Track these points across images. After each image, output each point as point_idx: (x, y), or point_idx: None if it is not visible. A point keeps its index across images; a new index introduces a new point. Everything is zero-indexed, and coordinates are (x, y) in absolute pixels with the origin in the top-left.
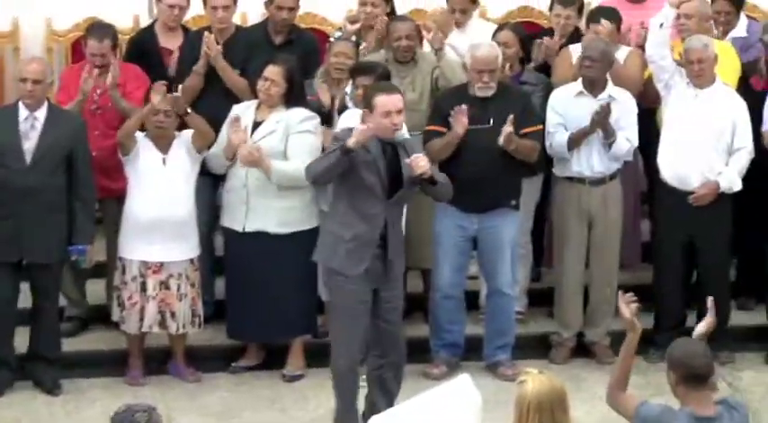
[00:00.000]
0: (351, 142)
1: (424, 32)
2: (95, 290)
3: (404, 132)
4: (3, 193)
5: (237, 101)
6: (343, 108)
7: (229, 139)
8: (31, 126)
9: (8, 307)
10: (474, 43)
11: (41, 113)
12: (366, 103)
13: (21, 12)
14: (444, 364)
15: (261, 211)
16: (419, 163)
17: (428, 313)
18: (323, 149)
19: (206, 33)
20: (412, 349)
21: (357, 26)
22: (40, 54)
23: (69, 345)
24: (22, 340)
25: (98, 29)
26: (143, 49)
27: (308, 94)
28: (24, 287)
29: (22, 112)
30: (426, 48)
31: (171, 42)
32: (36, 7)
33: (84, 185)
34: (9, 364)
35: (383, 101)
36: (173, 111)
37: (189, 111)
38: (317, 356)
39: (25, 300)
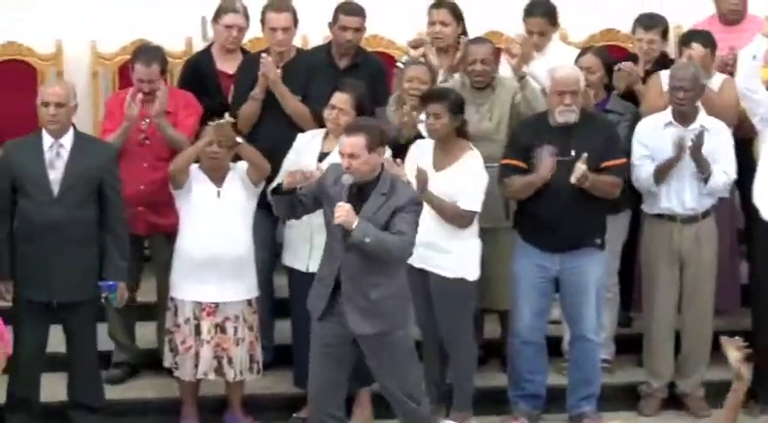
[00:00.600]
0: (285, 182)
1: (506, 58)
2: (145, 333)
3: (347, 177)
4: (28, 227)
5: (298, 129)
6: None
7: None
8: (57, 154)
9: (37, 351)
10: (554, 66)
11: (67, 140)
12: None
13: (65, 33)
14: (524, 416)
15: None
16: (337, 211)
17: (506, 360)
18: None
19: (263, 55)
20: (488, 400)
21: (421, 51)
22: (85, 78)
23: (117, 392)
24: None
25: (146, 52)
26: (199, 73)
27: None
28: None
29: (47, 139)
30: (504, 72)
31: (228, 66)
32: (81, 28)
33: (115, 217)
34: (31, 408)
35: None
36: (225, 141)
37: (239, 140)
38: (386, 407)
39: (59, 344)
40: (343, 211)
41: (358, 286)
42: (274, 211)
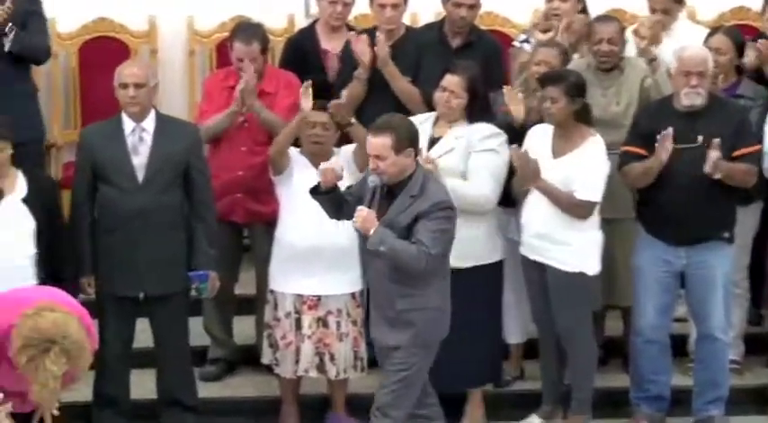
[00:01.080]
0: (321, 180)
1: (636, 40)
2: (243, 328)
3: (373, 179)
4: (112, 217)
5: (406, 112)
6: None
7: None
8: (140, 139)
9: (123, 347)
10: (682, 46)
11: (149, 123)
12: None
13: (159, 9)
14: (647, 419)
15: None
16: (355, 215)
17: (628, 360)
18: (511, 171)
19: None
20: (608, 402)
21: (550, 35)
22: (180, 57)
23: (212, 390)
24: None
25: (245, 30)
26: (301, 51)
27: (495, 107)
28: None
29: (128, 123)
30: (631, 52)
31: (333, 44)
32: (177, 4)
33: (203, 203)
34: (120, 407)
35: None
36: (332, 123)
37: (353, 121)
38: (500, 408)
39: (147, 340)
40: (360, 215)
41: (385, 294)
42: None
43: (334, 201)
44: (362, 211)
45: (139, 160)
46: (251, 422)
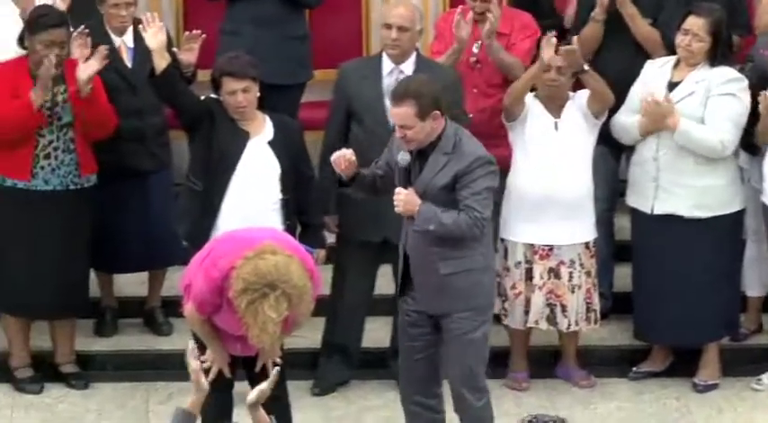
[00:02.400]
0: (338, 170)
1: None
2: None
3: (403, 157)
4: (362, 159)
5: (647, 56)
6: None
7: None
8: (396, 81)
9: (363, 295)
10: None
11: (408, 67)
12: None
13: None
14: None
15: (674, 190)
16: (395, 199)
17: None
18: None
19: None
20: None
21: None
22: None
23: None
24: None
25: None
26: None
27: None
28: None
29: (386, 64)
30: None
31: None
32: None
33: None
34: (349, 357)
35: None
36: (567, 67)
37: (587, 68)
38: (736, 363)
39: (388, 286)
40: (400, 199)
41: (426, 258)
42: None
43: (363, 185)
44: (401, 194)
45: None
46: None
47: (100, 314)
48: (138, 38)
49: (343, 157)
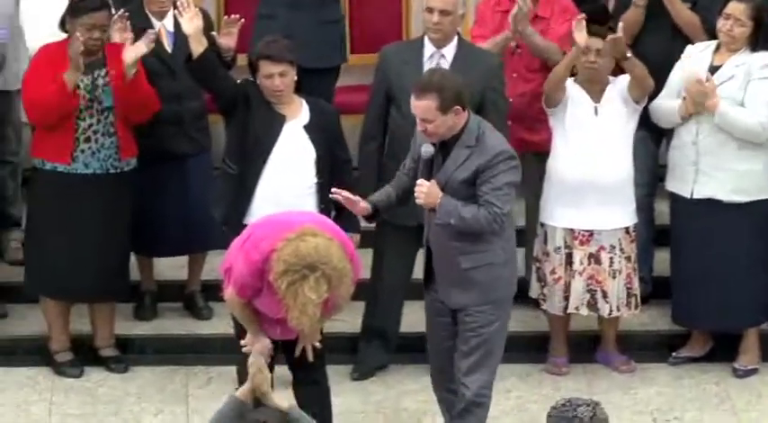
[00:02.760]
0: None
1: None
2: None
3: (427, 149)
4: (399, 144)
5: (687, 41)
6: None
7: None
8: (437, 65)
9: (402, 279)
10: None
11: (449, 51)
12: None
13: None
14: None
15: (713, 174)
16: (416, 191)
17: None
18: None
19: None
20: None
21: None
22: None
23: None
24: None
25: None
26: None
27: None
28: None
29: (428, 48)
30: None
31: None
32: None
33: (500, 127)
34: (387, 341)
35: None
36: (607, 49)
37: (629, 55)
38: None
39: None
40: (421, 191)
41: (447, 252)
42: None
43: (390, 207)
44: (422, 186)
45: None
46: (521, 356)
47: (139, 298)
48: (177, 22)
49: (351, 203)
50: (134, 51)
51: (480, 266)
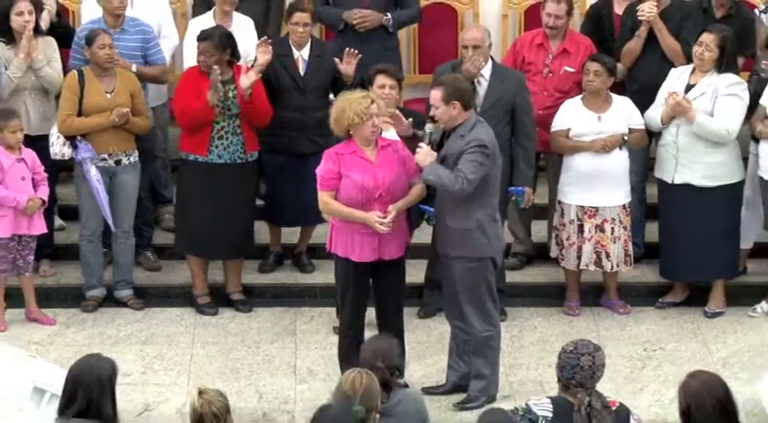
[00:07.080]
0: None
1: None
2: (538, 230)
3: (429, 126)
4: None
5: (671, 65)
6: None
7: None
8: (477, 83)
9: None
10: None
11: (486, 71)
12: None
13: None
14: None
15: (689, 165)
16: (417, 152)
17: None
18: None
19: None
20: None
21: None
22: (496, 21)
23: (515, 277)
24: None
25: None
26: (599, 17)
27: (757, 65)
28: None
29: None
30: None
31: (621, 8)
32: None
33: (525, 134)
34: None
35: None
36: (603, 70)
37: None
38: (736, 296)
39: None
40: (420, 151)
41: (440, 212)
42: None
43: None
44: (423, 148)
45: (476, 100)
46: (545, 301)
47: (265, 256)
48: (312, 51)
49: (399, 120)
50: (248, 79)
51: (460, 228)
